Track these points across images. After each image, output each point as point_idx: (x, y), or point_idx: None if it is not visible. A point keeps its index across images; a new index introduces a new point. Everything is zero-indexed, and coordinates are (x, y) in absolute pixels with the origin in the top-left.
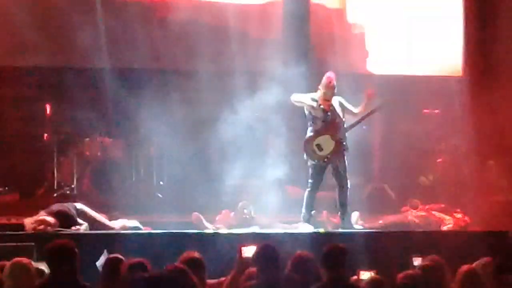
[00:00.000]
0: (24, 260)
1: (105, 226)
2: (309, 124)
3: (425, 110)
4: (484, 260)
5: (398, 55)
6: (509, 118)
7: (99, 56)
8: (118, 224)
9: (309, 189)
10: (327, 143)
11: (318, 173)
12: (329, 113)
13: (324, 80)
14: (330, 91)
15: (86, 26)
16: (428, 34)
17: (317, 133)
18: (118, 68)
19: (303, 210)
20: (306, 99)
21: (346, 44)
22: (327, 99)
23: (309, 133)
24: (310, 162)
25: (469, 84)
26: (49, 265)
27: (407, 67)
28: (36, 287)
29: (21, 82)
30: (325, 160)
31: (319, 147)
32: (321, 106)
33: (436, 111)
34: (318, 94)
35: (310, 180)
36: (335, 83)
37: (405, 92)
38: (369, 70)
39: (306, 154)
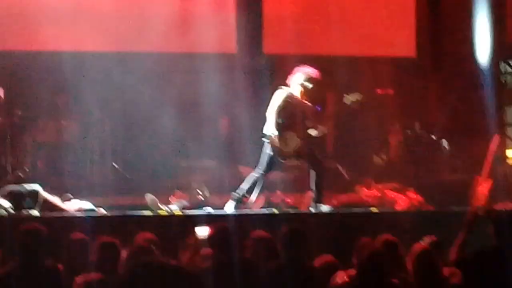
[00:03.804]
0: None
1: (59, 208)
2: (275, 117)
3: (379, 90)
4: (429, 238)
5: (351, 35)
6: (461, 98)
7: (53, 40)
8: (73, 206)
9: (257, 175)
10: (293, 140)
11: (272, 165)
12: (297, 108)
13: (309, 75)
14: (316, 86)
15: (41, 10)
16: (381, 14)
17: (285, 129)
18: (71, 52)
19: (241, 190)
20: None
21: (297, 24)
22: (308, 94)
23: (277, 128)
24: (270, 154)
25: (421, 64)
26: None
27: (361, 48)
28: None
29: None
30: (289, 157)
31: (285, 143)
32: (292, 100)
33: (390, 91)
34: (293, 90)
35: (261, 168)
36: None
37: (358, 72)
38: (322, 51)
39: (273, 150)
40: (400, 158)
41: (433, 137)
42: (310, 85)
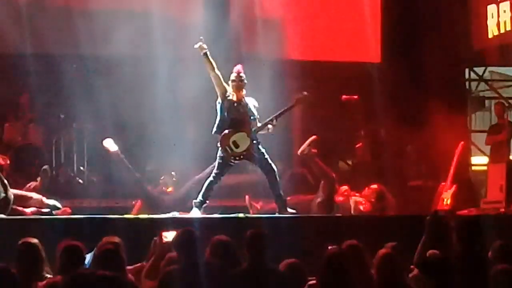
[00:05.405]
0: None
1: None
2: (221, 117)
3: (344, 96)
4: (389, 245)
5: (317, 40)
6: (426, 105)
7: (20, 41)
8: (36, 196)
9: (211, 179)
10: (243, 141)
11: (225, 167)
12: (241, 107)
13: (238, 72)
14: (240, 82)
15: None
16: (346, 19)
17: (233, 129)
18: (38, 54)
19: (199, 196)
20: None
21: (265, 29)
22: (237, 90)
23: (223, 128)
24: (221, 155)
25: (387, 69)
26: None
27: (326, 53)
28: None
29: None
30: (240, 157)
31: (235, 144)
32: (233, 98)
33: (355, 97)
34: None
35: (215, 171)
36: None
37: (324, 77)
38: (288, 55)
39: (222, 150)
40: (365, 164)
41: (398, 143)
42: (240, 81)
